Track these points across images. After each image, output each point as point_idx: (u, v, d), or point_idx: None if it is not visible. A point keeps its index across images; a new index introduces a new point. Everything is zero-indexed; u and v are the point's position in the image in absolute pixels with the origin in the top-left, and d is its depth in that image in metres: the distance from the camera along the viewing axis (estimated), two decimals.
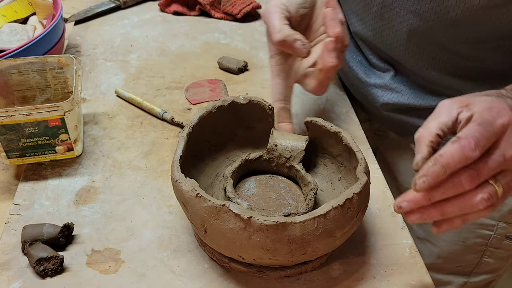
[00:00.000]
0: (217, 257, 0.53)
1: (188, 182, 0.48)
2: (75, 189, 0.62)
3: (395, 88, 0.73)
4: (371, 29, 0.71)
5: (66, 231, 0.54)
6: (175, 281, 0.52)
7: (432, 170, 0.42)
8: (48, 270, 0.51)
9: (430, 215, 0.44)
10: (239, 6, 0.98)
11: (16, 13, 0.85)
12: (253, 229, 0.44)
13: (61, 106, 0.59)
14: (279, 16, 0.60)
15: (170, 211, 0.59)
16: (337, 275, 0.53)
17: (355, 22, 0.75)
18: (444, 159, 0.41)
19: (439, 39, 0.64)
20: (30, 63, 0.67)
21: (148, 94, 0.78)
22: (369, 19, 0.70)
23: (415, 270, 0.54)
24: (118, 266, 0.53)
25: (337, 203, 0.46)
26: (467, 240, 0.78)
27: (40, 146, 0.62)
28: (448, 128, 0.46)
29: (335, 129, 0.56)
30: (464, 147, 0.41)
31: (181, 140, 0.53)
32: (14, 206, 0.59)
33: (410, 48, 0.68)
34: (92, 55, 0.86)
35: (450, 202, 0.43)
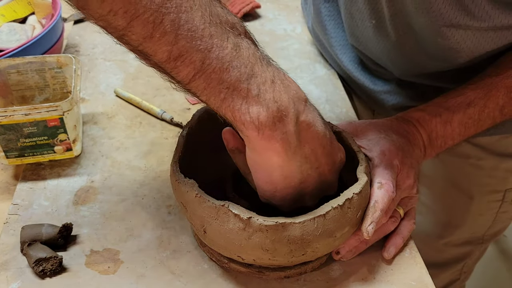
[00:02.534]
0: (217, 257, 0.53)
1: (187, 182, 0.48)
2: (74, 189, 0.61)
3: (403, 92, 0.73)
4: (361, 41, 0.73)
5: (65, 231, 0.54)
6: (174, 282, 0.52)
7: (376, 216, 0.49)
8: (47, 271, 0.51)
9: (360, 249, 0.54)
10: (239, 5, 0.98)
11: (15, 12, 0.85)
12: (252, 229, 0.44)
13: (60, 106, 0.59)
14: None
15: (169, 211, 0.59)
16: (337, 275, 0.53)
17: (350, 36, 0.76)
18: (381, 204, 0.50)
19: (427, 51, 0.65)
20: (29, 63, 0.67)
21: (147, 94, 0.78)
22: (358, 33, 0.72)
23: (415, 271, 0.54)
24: (117, 266, 0.53)
25: (337, 203, 0.46)
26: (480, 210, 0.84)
27: (39, 146, 0.62)
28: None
29: (335, 129, 0.56)
30: (388, 191, 0.51)
31: (180, 140, 0.53)
32: (13, 206, 0.59)
33: (398, 60, 0.70)
34: (91, 55, 0.86)
35: (374, 234, 0.52)
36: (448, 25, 0.58)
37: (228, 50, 0.39)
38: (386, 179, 0.52)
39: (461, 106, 0.61)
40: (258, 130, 0.40)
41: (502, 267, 1.44)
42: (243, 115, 0.40)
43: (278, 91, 0.40)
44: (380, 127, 0.59)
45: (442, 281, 0.96)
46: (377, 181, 0.52)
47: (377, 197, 0.50)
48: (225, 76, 0.39)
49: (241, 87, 0.39)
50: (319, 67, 0.87)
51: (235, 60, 0.39)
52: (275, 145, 0.41)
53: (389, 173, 0.53)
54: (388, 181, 0.52)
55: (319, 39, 0.86)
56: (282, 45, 0.92)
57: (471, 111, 0.60)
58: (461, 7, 0.56)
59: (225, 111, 0.41)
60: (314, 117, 0.43)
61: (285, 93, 0.41)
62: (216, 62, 0.38)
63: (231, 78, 0.39)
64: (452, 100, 0.61)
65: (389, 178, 0.52)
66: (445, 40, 0.60)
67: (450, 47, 0.62)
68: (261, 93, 0.40)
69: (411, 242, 0.57)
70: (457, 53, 0.62)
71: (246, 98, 0.40)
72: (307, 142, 0.43)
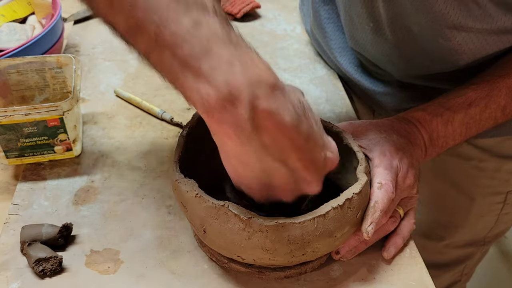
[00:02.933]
0: (217, 257, 0.53)
1: (187, 182, 0.48)
2: (74, 189, 0.61)
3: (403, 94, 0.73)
4: (360, 44, 0.72)
5: (65, 231, 0.54)
6: (174, 282, 0.52)
7: (376, 217, 0.50)
8: (47, 271, 0.51)
9: (360, 249, 0.54)
10: (239, 5, 0.98)
11: (15, 12, 0.85)
12: (252, 229, 0.44)
13: (60, 106, 0.59)
14: None
15: (169, 211, 0.59)
16: (337, 275, 0.53)
17: (349, 39, 0.75)
18: (380, 205, 0.50)
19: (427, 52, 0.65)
20: (29, 63, 0.67)
21: (147, 94, 0.78)
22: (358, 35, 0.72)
23: (415, 271, 0.54)
24: (117, 266, 0.53)
25: (337, 203, 0.46)
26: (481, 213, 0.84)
27: (39, 146, 0.62)
28: None
29: (335, 129, 0.56)
30: (388, 191, 0.51)
31: (180, 140, 0.53)
32: (13, 206, 0.59)
33: (398, 62, 0.70)
34: (91, 55, 0.86)
35: (374, 234, 0.52)
36: (450, 26, 0.58)
37: (184, 25, 0.37)
38: (386, 180, 0.52)
39: (462, 106, 0.60)
40: (207, 112, 0.38)
41: (503, 268, 1.44)
42: (193, 94, 0.38)
43: (234, 72, 0.37)
44: (381, 127, 0.59)
45: (443, 283, 0.96)
46: (377, 181, 0.52)
47: (377, 198, 0.51)
48: (178, 52, 0.37)
49: (193, 64, 0.38)
50: (319, 67, 0.86)
51: (190, 37, 0.37)
52: (226, 129, 0.39)
53: (389, 174, 0.53)
54: (388, 182, 0.52)
55: (317, 42, 0.86)
56: (282, 45, 0.92)
57: (472, 111, 0.60)
58: (463, 8, 0.56)
59: (180, 89, 0.40)
60: (282, 105, 0.39)
61: (243, 76, 0.37)
62: (170, 37, 0.37)
63: (183, 54, 0.37)
64: (453, 100, 0.61)
65: (389, 178, 0.53)
66: (446, 41, 0.60)
67: (452, 49, 0.61)
68: (214, 74, 0.37)
69: (411, 242, 0.57)
70: (459, 55, 0.62)
71: (197, 76, 0.38)
72: (266, 131, 0.39)
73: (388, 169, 0.53)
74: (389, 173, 0.53)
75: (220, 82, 0.37)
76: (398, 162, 0.55)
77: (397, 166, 0.55)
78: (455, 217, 0.86)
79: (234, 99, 0.37)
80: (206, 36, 0.38)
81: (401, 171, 0.55)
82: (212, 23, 0.38)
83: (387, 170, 0.53)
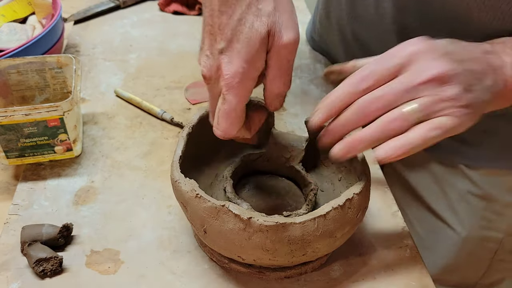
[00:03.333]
0: (217, 257, 0.53)
1: (188, 182, 0.48)
2: (74, 189, 0.61)
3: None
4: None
5: (65, 231, 0.54)
6: (174, 282, 0.52)
7: (326, 103, 0.45)
8: (47, 271, 0.51)
9: (354, 147, 0.44)
10: None
11: (15, 12, 0.85)
12: (253, 229, 0.44)
13: (60, 106, 0.59)
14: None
15: (169, 211, 0.59)
16: (338, 275, 0.53)
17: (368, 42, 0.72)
18: (335, 92, 0.44)
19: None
20: (29, 63, 0.67)
21: (147, 94, 0.78)
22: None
23: (416, 271, 0.54)
24: (117, 266, 0.53)
25: (337, 203, 0.46)
26: (472, 253, 0.76)
27: (39, 146, 0.62)
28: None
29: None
30: (353, 77, 0.44)
31: (180, 140, 0.53)
32: (13, 207, 0.59)
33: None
34: (91, 55, 0.86)
35: (370, 128, 0.43)
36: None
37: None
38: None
39: None
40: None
41: None
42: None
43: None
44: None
45: None
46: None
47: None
48: None
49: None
50: (319, 67, 0.86)
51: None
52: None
53: (374, 64, 0.44)
54: (358, 72, 0.44)
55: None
56: None
57: None
58: None
59: None
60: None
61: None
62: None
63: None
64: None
65: (365, 68, 0.44)
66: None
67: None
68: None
69: (411, 242, 0.57)
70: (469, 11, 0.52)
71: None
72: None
73: (377, 60, 0.44)
74: (374, 63, 0.44)
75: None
76: (417, 50, 0.44)
77: (409, 54, 0.44)
78: (440, 248, 0.77)
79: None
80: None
81: (421, 55, 0.44)
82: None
83: (375, 61, 0.44)
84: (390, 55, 0.44)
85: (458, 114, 0.43)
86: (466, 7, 0.54)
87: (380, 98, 0.43)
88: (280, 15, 0.44)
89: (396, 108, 0.43)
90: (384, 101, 0.43)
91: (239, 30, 0.43)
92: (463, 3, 0.53)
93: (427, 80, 0.43)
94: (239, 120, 0.46)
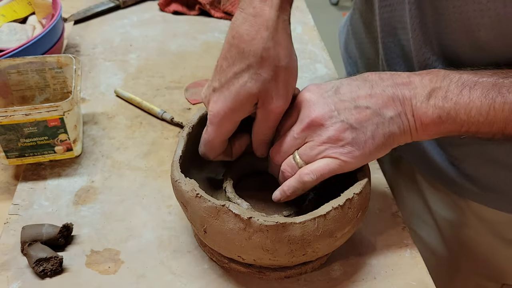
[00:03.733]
0: (217, 257, 0.53)
1: (188, 182, 0.48)
2: (75, 189, 0.61)
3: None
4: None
5: (65, 231, 0.54)
6: (174, 282, 0.52)
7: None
8: (47, 271, 0.51)
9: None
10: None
11: (15, 12, 0.85)
12: (253, 229, 0.44)
13: (60, 106, 0.59)
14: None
15: (169, 211, 0.59)
16: (338, 275, 0.53)
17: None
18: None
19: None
20: (29, 63, 0.67)
21: (147, 94, 0.78)
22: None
23: (416, 271, 0.54)
24: (117, 266, 0.53)
25: (338, 203, 0.46)
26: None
27: (39, 146, 0.62)
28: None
29: None
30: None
31: (180, 140, 0.53)
32: (13, 207, 0.59)
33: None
34: (91, 55, 0.86)
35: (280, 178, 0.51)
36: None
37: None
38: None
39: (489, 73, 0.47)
40: None
41: None
42: None
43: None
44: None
45: None
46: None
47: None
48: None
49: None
50: (319, 67, 0.87)
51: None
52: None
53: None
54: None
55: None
56: None
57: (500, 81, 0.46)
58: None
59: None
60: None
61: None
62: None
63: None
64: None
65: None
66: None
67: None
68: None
69: (411, 242, 0.57)
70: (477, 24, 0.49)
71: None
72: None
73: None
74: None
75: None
76: (310, 91, 0.50)
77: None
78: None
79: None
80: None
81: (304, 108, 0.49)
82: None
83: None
84: (292, 104, 0.50)
85: (336, 155, 0.47)
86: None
87: (279, 149, 0.50)
88: (276, 84, 0.48)
89: (289, 156, 0.50)
90: (282, 153, 0.50)
91: (232, 82, 0.47)
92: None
93: (305, 127, 0.48)
94: (216, 150, 0.52)
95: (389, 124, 0.47)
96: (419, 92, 0.47)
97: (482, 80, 0.46)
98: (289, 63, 0.48)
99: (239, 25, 0.47)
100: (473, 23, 0.47)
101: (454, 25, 0.49)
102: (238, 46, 0.47)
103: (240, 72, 0.47)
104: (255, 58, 0.46)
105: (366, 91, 0.48)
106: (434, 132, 0.48)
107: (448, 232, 0.70)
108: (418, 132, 0.48)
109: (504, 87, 0.45)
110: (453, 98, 0.46)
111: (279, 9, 0.47)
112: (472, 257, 0.69)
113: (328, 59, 0.89)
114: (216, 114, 0.49)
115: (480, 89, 0.45)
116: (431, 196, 0.70)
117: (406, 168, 0.74)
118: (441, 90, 0.46)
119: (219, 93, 0.48)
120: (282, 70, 0.48)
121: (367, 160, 0.48)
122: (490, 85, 0.45)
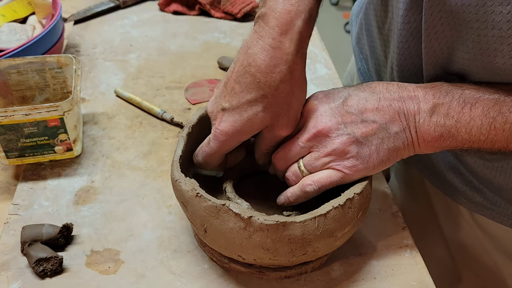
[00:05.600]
0: (217, 257, 0.53)
1: (188, 181, 0.48)
2: (75, 189, 0.61)
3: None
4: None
5: (66, 231, 0.54)
6: (174, 282, 0.52)
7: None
8: (47, 271, 0.51)
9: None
10: (239, 5, 0.98)
11: (15, 12, 0.85)
12: (253, 228, 0.44)
13: (60, 106, 0.59)
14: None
15: (169, 211, 0.59)
16: (338, 275, 0.53)
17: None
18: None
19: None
20: (29, 63, 0.67)
21: (147, 94, 0.78)
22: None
23: (416, 271, 0.54)
24: (117, 266, 0.53)
25: (338, 203, 0.46)
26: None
27: (39, 146, 0.62)
28: None
29: None
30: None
31: (180, 140, 0.53)
32: (13, 207, 0.59)
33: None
34: (91, 55, 0.86)
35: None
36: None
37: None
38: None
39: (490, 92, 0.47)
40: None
41: None
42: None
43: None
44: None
45: None
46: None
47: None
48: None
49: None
50: (320, 67, 0.87)
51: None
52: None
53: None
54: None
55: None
56: None
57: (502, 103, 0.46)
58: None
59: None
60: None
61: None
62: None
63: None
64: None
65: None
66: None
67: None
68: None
69: (411, 242, 0.57)
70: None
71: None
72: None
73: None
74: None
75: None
76: (315, 102, 0.50)
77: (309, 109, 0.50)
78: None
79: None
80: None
81: (313, 110, 0.49)
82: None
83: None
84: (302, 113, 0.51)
85: (340, 167, 0.48)
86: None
87: (283, 155, 0.51)
88: (287, 115, 0.49)
89: (293, 164, 0.51)
90: (287, 160, 0.51)
91: (244, 109, 0.48)
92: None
93: (311, 137, 0.49)
94: (214, 163, 0.54)
95: (394, 139, 0.48)
96: (422, 107, 0.48)
97: (484, 98, 0.46)
98: (301, 94, 0.49)
99: (257, 53, 0.47)
100: (491, 48, 0.46)
101: (471, 45, 0.48)
102: (255, 76, 0.47)
103: (254, 101, 0.47)
104: (270, 90, 0.47)
105: (374, 104, 0.48)
106: (436, 147, 0.49)
107: (454, 242, 0.70)
108: (420, 147, 0.49)
109: (505, 106, 0.45)
110: (454, 116, 0.46)
111: (299, 43, 0.47)
112: (476, 270, 0.69)
113: (328, 59, 0.89)
114: (224, 133, 0.50)
115: (481, 107, 0.46)
116: (437, 206, 0.70)
117: (414, 176, 0.73)
118: (444, 106, 0.47)
119: (229, 115, 0.49)
120: (294, 102, 0.49)
121: (370, 174, 0.49)
122: (492, 104, 0.46)
